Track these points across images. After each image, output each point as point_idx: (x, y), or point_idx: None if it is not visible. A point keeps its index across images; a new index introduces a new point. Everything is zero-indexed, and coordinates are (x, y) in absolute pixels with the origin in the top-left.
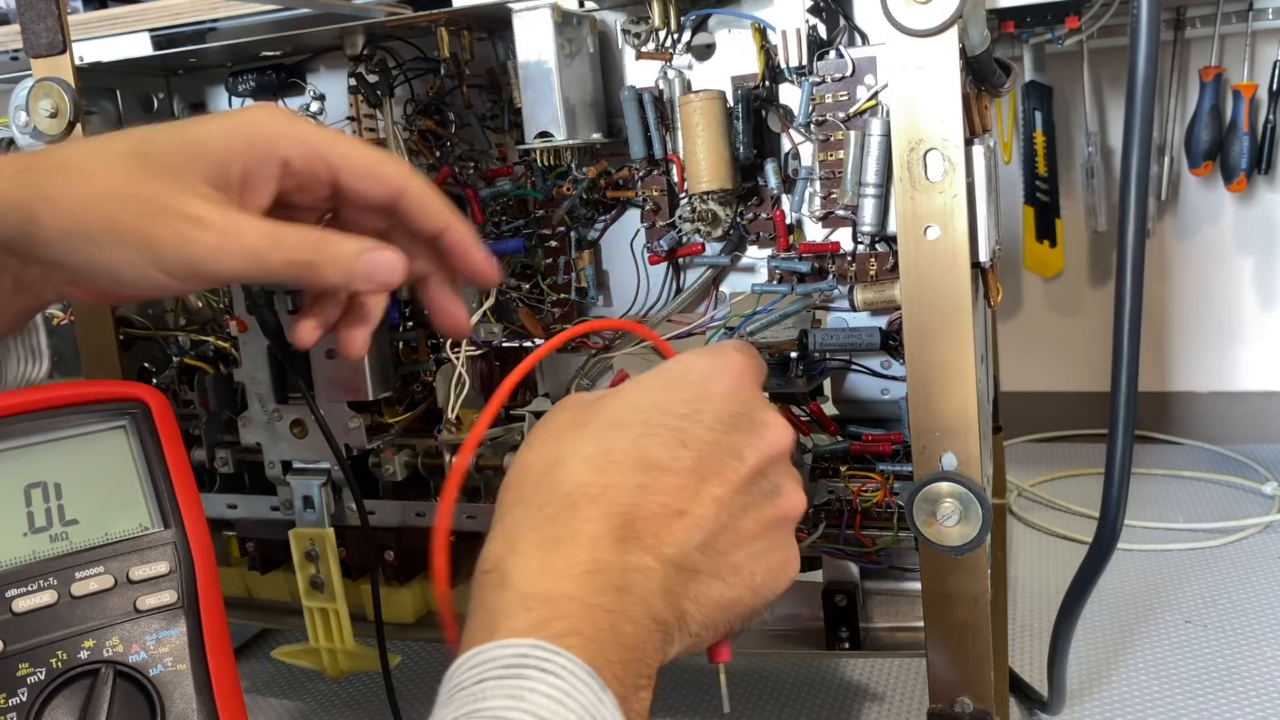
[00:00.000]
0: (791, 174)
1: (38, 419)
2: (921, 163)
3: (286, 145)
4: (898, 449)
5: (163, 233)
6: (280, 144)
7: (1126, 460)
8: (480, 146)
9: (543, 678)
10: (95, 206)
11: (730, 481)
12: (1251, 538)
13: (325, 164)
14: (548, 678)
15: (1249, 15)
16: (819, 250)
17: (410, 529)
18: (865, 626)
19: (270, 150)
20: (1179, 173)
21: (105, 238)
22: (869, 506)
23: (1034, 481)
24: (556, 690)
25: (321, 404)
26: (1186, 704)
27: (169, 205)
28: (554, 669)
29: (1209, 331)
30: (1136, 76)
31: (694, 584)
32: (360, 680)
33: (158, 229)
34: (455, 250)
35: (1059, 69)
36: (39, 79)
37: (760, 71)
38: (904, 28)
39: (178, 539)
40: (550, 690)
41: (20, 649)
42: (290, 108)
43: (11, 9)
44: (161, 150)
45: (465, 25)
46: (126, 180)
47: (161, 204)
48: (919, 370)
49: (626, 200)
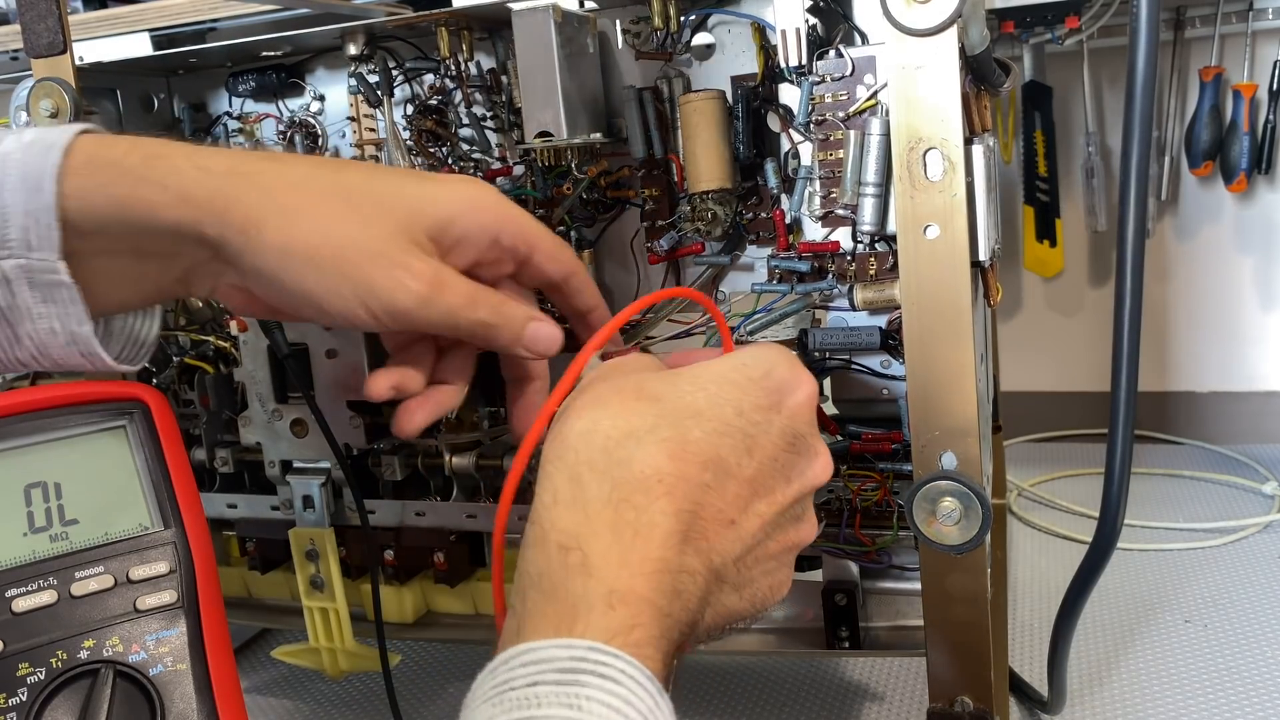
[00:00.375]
0: (791, 173)
1: (38, 419)
2: (921, 162)
3: (502, 225)
4: (897, 448)
5: (380, 276)
6: (498, 223)
7: (1126, 460)
8: (480, 147)
9: (601, 684)
10: (325, 236)
11: (776, 502)
12: (1251, 538)
13: (526, 244)
14: (605, 684)
15: (1249, 15)
16: (818, 250)
17: (410, 529)
18: (865, 626)
19: (487, 226)
20: (1179, 173)
21: (328, 266)
22: (869, 505)
23: (1034, 481)
24: (615, 698)
25: (321, 403)
26: (1187, 704)
27: (390, 253)
28: (612, 674)
29: (1209, 331)
30: (1136, 76)
31: (719, 593)
32: (360, 680)
33: (377, 272)
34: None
35: (1059, 69)
36: (39, 79)
37: (760, 71)
38: (904, 27)
39: (178, 539)
40: (609, 699)
41: (20, 649)
42: (291, 108)
43: (12, 9)
44: (385, 199)
45: (465, 25)
46: (353, 216)
47: (384, 250)
48: (919, 370)
49: (626, 200)
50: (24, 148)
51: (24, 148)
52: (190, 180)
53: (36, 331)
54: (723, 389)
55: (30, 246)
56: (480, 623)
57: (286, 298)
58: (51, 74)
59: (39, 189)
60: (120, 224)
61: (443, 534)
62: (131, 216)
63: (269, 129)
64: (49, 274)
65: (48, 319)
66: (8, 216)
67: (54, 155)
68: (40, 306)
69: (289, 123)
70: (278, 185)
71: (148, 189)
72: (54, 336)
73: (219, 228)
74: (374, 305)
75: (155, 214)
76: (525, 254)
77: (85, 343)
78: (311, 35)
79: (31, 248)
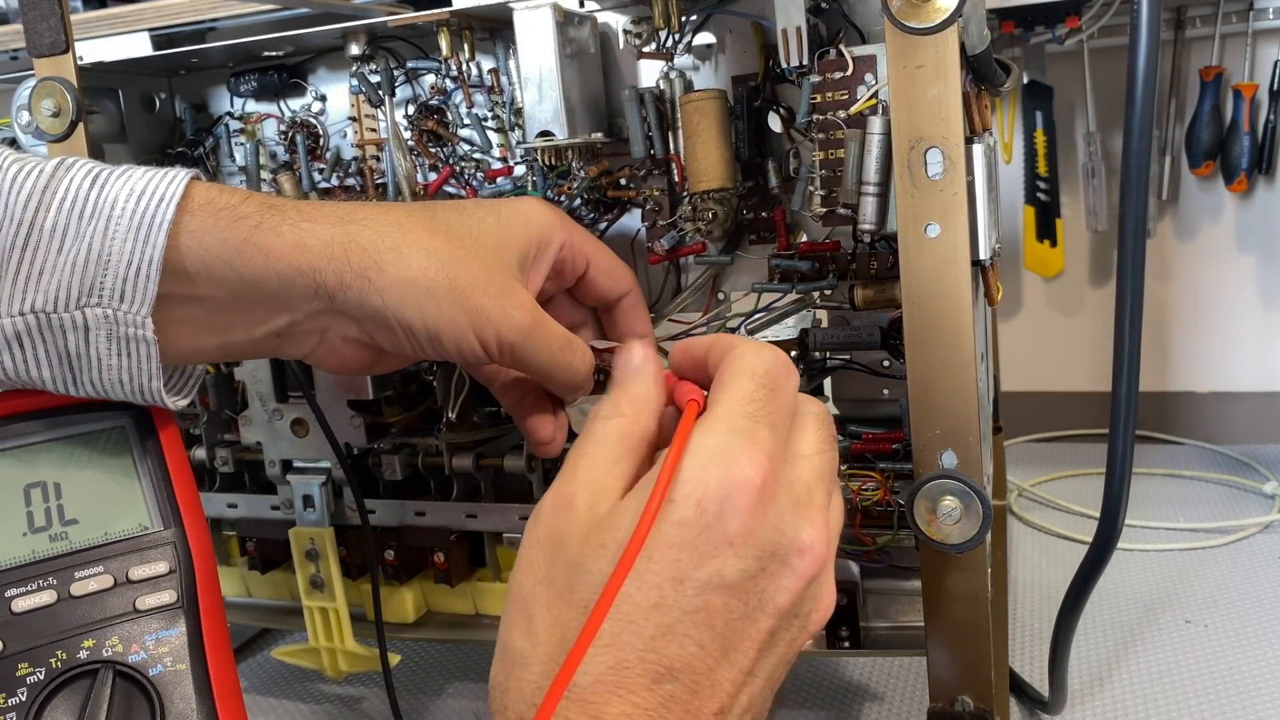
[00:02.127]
0: (792, 173)
1: (38, 419)
2: (922, 161)
3: (560, 236)
4: (898, 448)
5: (491, 305)
6: (557, 235)
7: (1127, 460)
8: (481, 147)
9: None
10: (440, 268)
11: (759, 638)
12: (1251, 538)
13: (584, 258)
14: None
15: (1249, 15)
16: (819, 249)
17: (410, 529)
18: (865, 625)
19: (553, 238)
20: (1179, 173)
21: (444, 297)
22: (869, 505)
23: (1034, 481)
24: None
25: (322, 403)
26: (1187, 704)
27: (497, 281)
28: None
29: (1209, 331)
30: (1136, 76)
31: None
32: (360, 680)
33: (488, 300)
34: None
35: (1059, 69)
36: (41, 79)
37: (761, 71)
38: (905, 26)
39: (177, 539)
40: None
41: (20, 649)
42: (292, 108)
43: (13, 8)
44: (478, 233)
45: (466, 25)
46: (458, 249)
47: (492, 279)
48: (919, 369)
49: (627, 200)
50: (136, 197)
51: (136, 197)
52: (304, 230)
53: (100, 381)
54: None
55: (123, 298)
56: (480, 623)
57: (403, 335)
58: (53, 74)
59: (148, 240)
60: (229, 268)
61: (443, 534)
62: (245, 262)
63: (270, 129)
64: (132, 328)
65: (117, 371)
66: (108, 265)
67: (167, 209)
68: (113, 359)
69: (290, 123)
70: (385, 227)
71: (264, 236)
72: (119, 386)
73: (338, 273)
74: (484, 334)
75: (270, 261)
76: (583, 267)
77: (154, 395)
78: (312, 35)
79: (124, 299)
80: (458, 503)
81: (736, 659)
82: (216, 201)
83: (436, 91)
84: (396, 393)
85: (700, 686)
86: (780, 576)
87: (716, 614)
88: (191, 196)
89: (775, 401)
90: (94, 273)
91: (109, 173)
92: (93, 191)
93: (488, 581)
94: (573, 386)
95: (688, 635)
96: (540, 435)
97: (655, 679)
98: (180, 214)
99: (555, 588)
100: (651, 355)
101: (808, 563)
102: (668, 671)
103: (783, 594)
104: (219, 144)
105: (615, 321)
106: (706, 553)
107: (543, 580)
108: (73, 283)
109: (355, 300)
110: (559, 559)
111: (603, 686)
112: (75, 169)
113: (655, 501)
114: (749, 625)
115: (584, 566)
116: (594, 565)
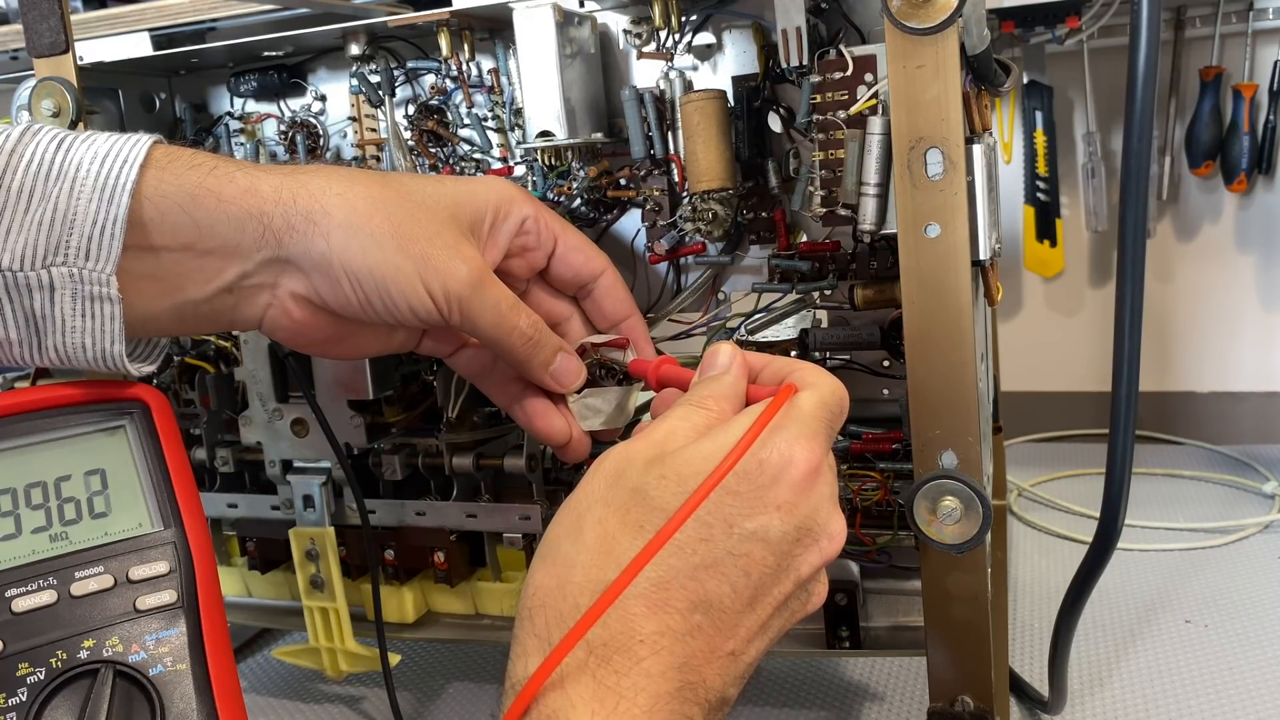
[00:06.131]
0: (792, 173)
1: (38, 419)
2: (922, 161)
3: (523, 210)
4: (898, 448)
5: (437, 254)
6: (520, 207)
7: (1127, 460)
8: (481, 147)
9: None
10: (386, 216)
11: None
12: (1251, 538)
13: (552, 235)
14: None
15: (1249, 15)
16: (819, 249)
17: (410, 529)
18: (865, 625)
19: (513, 210)
20: (1179, 173)
21: (389, 242)
22: (869, 505)
23: (1034, 481)
24: None
25: (322, 403)
26: (1187, 704)
27: (445, 235)
28: None
29: (1209, 331)
30: (1136, 76)
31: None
32: (360, 680)
33: (434, 250)
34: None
35: (1059, 69)
36: (41, 79)
37: (760, 71)
38: (905, 26)
39: (178, 539)
40: None
41: (20, 649)
42: (292, 108)
43: (13, 9)
44: (430, 194)
45: (466, 26)
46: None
47: (440, 232)
48: (919, 369)
49: (627, 200)
50: (101, 159)
51: (101, 159)
52: (257, 177)
53: (64, 344)
54: (707, 506)
55: (88, 256)
56: (480, 623)
57: (349, 286)
58: (54, 74)
59: (112, 200)
60: (183, 213)
61: (443, 534)
62: (198, 206)
63: (270, 129)
64: (97, 285)
65: (80, 334)
66: (74, 225)
67: (130, 170)
68: (76, 320)
69: (290, 123)
70: (334, 178)
71: (216, 181)
72: (82, 352)
73: (285, 216)
74: (433, 284)
75: (222, 205)
76: (550, 244)
77: (116, 361)
78: (312, 35)
79: (89, 257)
80: (458, 503)
81: (758, 610)
82: (174, 153)
83: (436, 91)
84: (397, 393)
85: (724, 625)
86: (809, 551)
87: (754, 563)
88: (153, 158)
89: (837, 421)
90: (60, 232)
91: (74, 138)
92: (58, 155)
93: (488, 581)
94: (527, 358)
95: (725, 575)
96: (553, 433)
97: (690, 606)
98: (146, 167)
99: (610, 506)
100: (738, 356)
101: (831, 548)
102: (702, 602)
103: (806, 566)
104: (219, 144)
105: (597, 304)
106: (757, 508)
107: (600, 500)
108: (39, 242)
109: (301, 246)
110: (620, 485)
111: (643, 601)
112: (41, 134)
113: (745, 443)
114: (775, 583)
115: (644, 492)
116: (655, 492)
